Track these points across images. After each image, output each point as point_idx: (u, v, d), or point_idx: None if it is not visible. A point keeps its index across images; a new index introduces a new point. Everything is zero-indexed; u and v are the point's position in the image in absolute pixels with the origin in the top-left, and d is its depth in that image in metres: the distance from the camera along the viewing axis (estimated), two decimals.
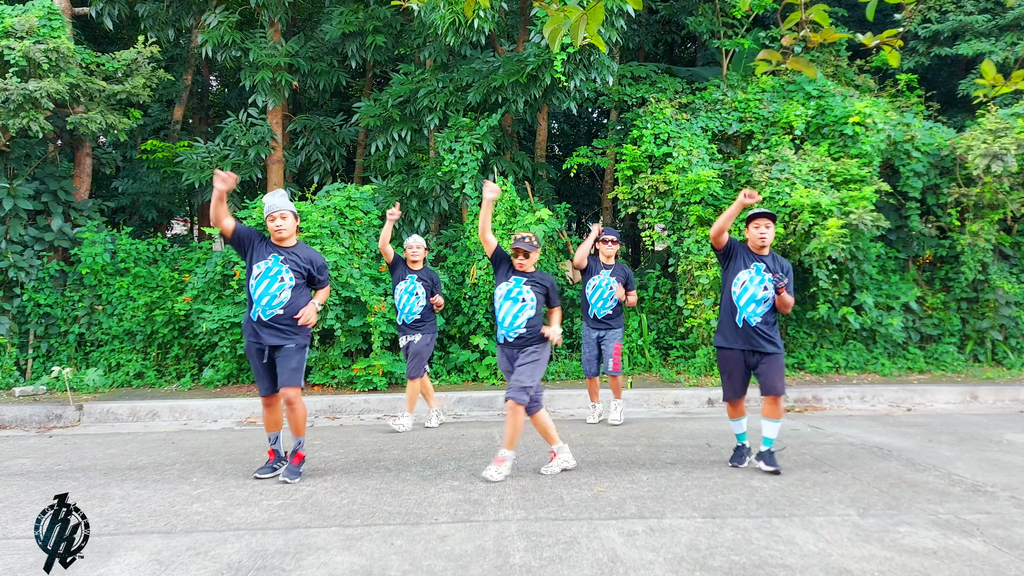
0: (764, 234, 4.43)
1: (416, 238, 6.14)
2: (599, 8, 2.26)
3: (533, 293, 4.43)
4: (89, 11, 9.08)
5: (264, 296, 4.33)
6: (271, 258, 4.38)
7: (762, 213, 4.44)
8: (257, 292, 4.34)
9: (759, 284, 4.43)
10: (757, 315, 4.42)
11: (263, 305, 4.34)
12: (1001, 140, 7.86)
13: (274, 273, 4.36)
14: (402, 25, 9.77)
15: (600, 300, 6.07)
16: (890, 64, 2.55)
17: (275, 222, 4.40)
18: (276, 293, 4.35)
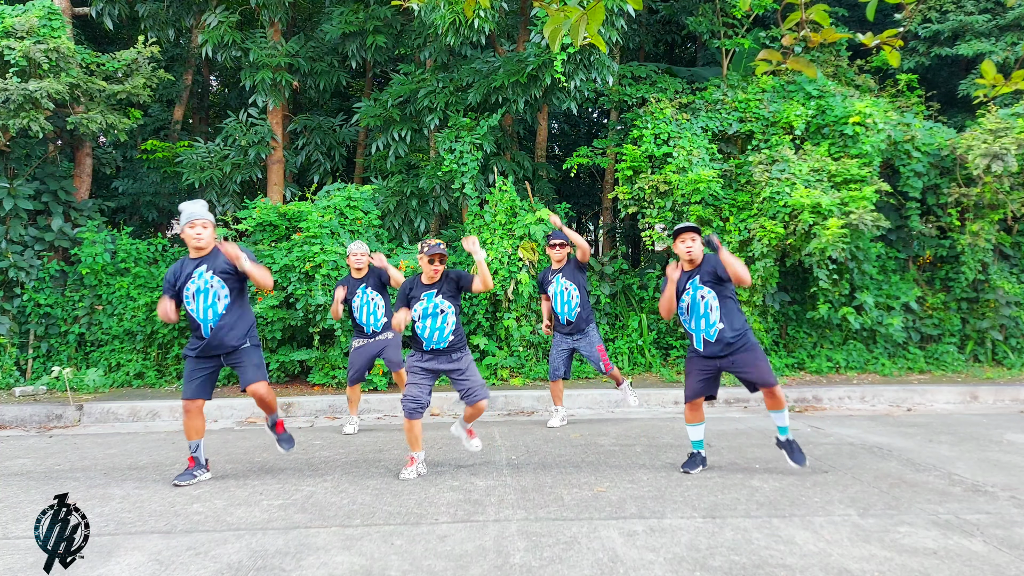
0: (690, 248, 4.37)
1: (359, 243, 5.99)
2: (599, 8, 2.26)
3: (448, 301, 4.44)
4: (89, 11, 9.08)
5: (207, 309, 4.28)
6: (195, 273, 4.30)
7: (686, 227, 4.39)
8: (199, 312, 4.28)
9: (696, 298, 4.36)
10: (712, 326, 4.34)
11: (211, 319, 4.28)
12: (1001, 140, 7.86)
13: (204, 287, 4.28)
14: (402, 25, 9.77)
15: (564, 304, 5.97)
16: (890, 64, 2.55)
17: (195, 229, 4.28)
18: (215, 303, 4.29)
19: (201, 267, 4.32)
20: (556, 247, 5.98)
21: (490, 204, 8.42)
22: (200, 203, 4.39)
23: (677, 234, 4.44)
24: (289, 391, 7.63)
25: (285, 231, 8.15)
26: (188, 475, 4.41)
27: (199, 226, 4.30)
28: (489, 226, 8.33)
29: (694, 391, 4.49)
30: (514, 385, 7.71)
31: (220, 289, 4.31)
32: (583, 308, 5.98)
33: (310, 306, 7.46)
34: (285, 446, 4.67)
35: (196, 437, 4.45)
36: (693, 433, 4.57)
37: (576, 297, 5.95)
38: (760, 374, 4.34)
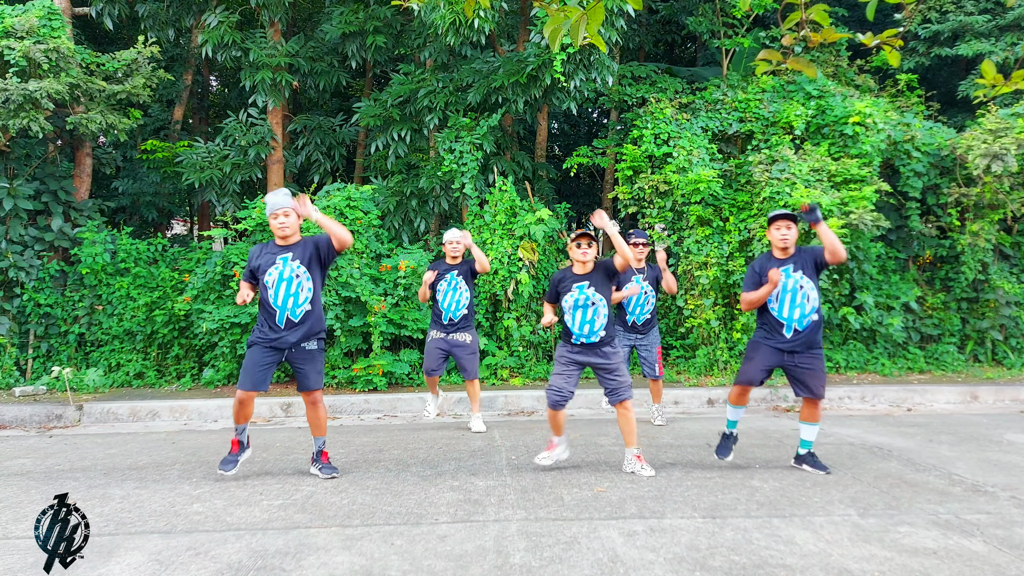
0: (785, 236, 4.38)
1: (455, 231, 5.92)
2: (599, 8, 2.26)
3: (600, 295, 4.40)
4: (89, 11, 9.08)
5: (288, 299, 4.27)
6: (280, 261, 4.31)
7: (783, 215, 4.40)
8: (279, 299, 4.26)
9: (795, 286, 4.35)
10: (806, 316, 4.34)
11: (290, 308, 4.27)
12: (1001, 140, 7.86)
13: (288, 275, 4.29)
14: (402, 25, 9.77)
15: (638, 305, 5.98)
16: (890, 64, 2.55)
17: (277, 220, 4.32)
18: (297, 293, 4.28)
19: (287, 254, 4.31)
20: (639, 246, 6.00)
21: (490, 204, 8.42)
22: (282, 192, 4.40)
23: (773, 220, 4.41)
24: (289, 391, 7.63)
25: None
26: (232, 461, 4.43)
27: (281, 215, 4.30)
28: (489, 226, 8.33)
29: (750, 378, 4.44)
30: (514, 385, 7.71)
31: (305, 280, 4.31)
32: (653, 315, 6.09)
33: None
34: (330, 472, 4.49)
35: (243, 422, 4.46)
36: (734, 414, 4.61)
37: (653, 301, 6.06)
38: (818, 382, 4.36)
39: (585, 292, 4.37)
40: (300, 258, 4.32)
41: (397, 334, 7.80)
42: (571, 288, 4.41)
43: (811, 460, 4.50)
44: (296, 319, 4.29)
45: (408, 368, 7.66)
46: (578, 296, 4.38)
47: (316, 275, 4.36)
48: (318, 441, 4.53)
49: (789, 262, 4.42)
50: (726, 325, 8.25)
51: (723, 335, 8.12)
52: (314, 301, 4.35)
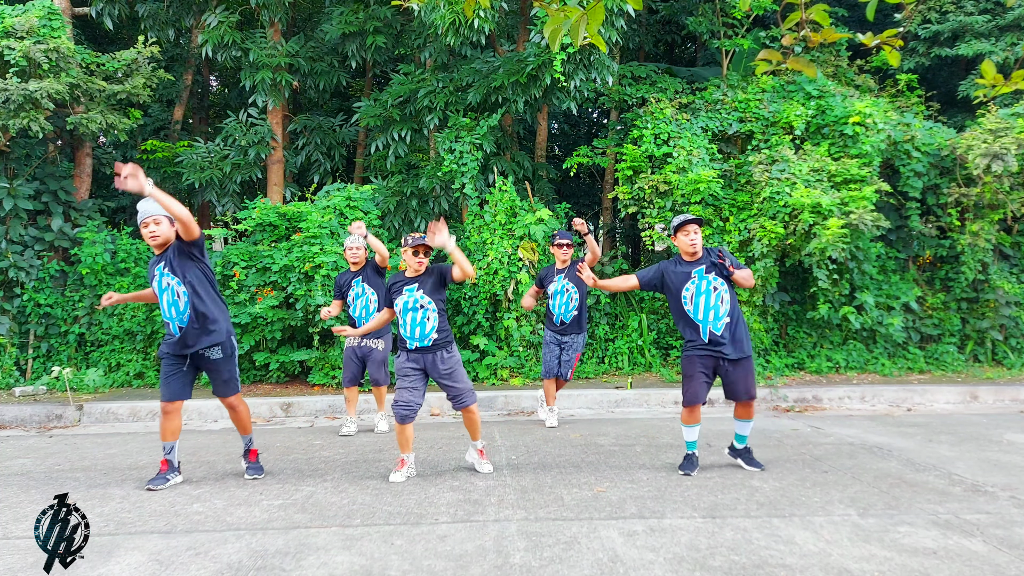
0: (694, 240, 4.35)
1: (354, 236, 5.77)
2: (599, 8, 2.26)
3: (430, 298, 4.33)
4: (89, 11, 9.08)
5: (171, 308, 4.19)
6: (156, 271, 4.21)
7: (690, 220, 4.35)
8: (164, 309, 4.20)
9: (708, 288, 4.34)
10: (721, 318, 4.33)
11: (174, 318, 4.19)
12: (1001, 140, 7.86)
13: (167, 285, 4.18)
14: (402, 25, 9.77)
15: (562, 304, 5.97)
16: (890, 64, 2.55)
17: (148, 228, 4.11)
18: (177, 301, 4.18)
19: (161, 263, 4.19)
20: (563, 247, 5.96)
21: (490, 204, 8.42)
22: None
23: (680, 227, 4.37)
24: (289, 391, 7.63)
25: (285, 231, 8.15)
26: (161, 479, 4.28)
27: (151, 224, 4.11)
28: (489, 226, 8.33)
29: (696, 394, 4.40)
30: (514, 385, 7.71)
31: (177, 286, 4.18)
32: (580, 312, 6.00)
33: (310, 306, 7.45)
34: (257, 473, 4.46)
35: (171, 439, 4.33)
36: (690, 434, 4.53)
37: (576, 300, 5.97)
38: (750, 383, 4.40)
39: (415, 295, 4.32)
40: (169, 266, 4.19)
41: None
42: (402, 291, 4.36)
43: (747, 455, 4.57)
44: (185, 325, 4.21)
45: None
46: (407, 299, 4.33)
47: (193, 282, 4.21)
48: (245, 439, 4.54)
49: (700, 263, 4.40)
50: None
51: None
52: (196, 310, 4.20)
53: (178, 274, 4.16)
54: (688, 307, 4.39)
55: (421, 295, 4.32)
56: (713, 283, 4.34)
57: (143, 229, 4.14)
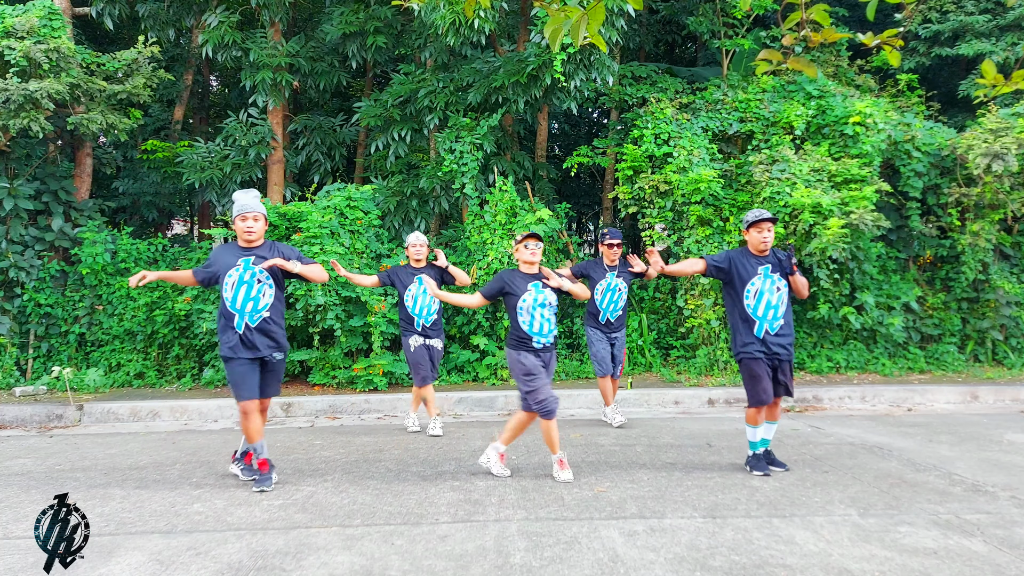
0: (767, 239, 4.40)
1: (418, 234, 5.92)
2: (600, 8, 2.26)
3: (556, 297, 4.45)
4: (89, 11, 9.08)
5: (247, 303, 4.23)
6: (241, 263, 4.26)
7: (767, 218, 4.38)
8: (238, 301, 4.22)
9: (772, 288, 4.38)
10: (778, 318, 4.37)
11: (248, 312, 4.23)
12: (1002, 140, 7.86)
13: (249, 278, 4.24)
14: (402, 25, 9.76)
15: (612, 303, 6.01)
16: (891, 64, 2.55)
17: (246, 223, 4.28)
18: (258, 298, 4.25)
19: (247, 258, 4.28)
20: (613, 247, 6.00)
21: (490, 204, 8.42)
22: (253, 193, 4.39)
23: (755, 223, 4.39)
24: (289, 391, 7.63)
25: (285, 231, 8.15)
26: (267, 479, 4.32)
27: (250, 219, 4.27)
28: (489, 226, 8.33)
29: (767, 393, 4.35)
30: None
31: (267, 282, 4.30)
32: (625, 309, 6.11)
33: (310, 306, 7.45)
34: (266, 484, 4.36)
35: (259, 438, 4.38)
36: (756, 434, 4.48)
37: (624, 298, 6.05)
38: (791, 382, 4.45)
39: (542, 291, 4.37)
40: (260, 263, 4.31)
41: (397, 334, 7.80)
42: (527, 288, 4.37)
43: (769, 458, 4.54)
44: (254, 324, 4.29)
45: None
46: (535, 295, 4.34)
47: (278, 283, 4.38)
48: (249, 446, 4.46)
49: (767, 261, 4.44)
50: (726, 325, 8.25)
51: (723, 335, 8.12)
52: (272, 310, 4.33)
53: (271, 272, 4.28)
54: (749, 302, 4.40)
55: (549, 292, 4.36)
56: (777, 283, 4.38)
57: (241, 222, 4.26)
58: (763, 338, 4.37)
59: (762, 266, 4.42)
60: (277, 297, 4.34)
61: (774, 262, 4.43)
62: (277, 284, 4.35)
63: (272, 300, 4.30)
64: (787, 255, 4.45)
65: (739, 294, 4.43)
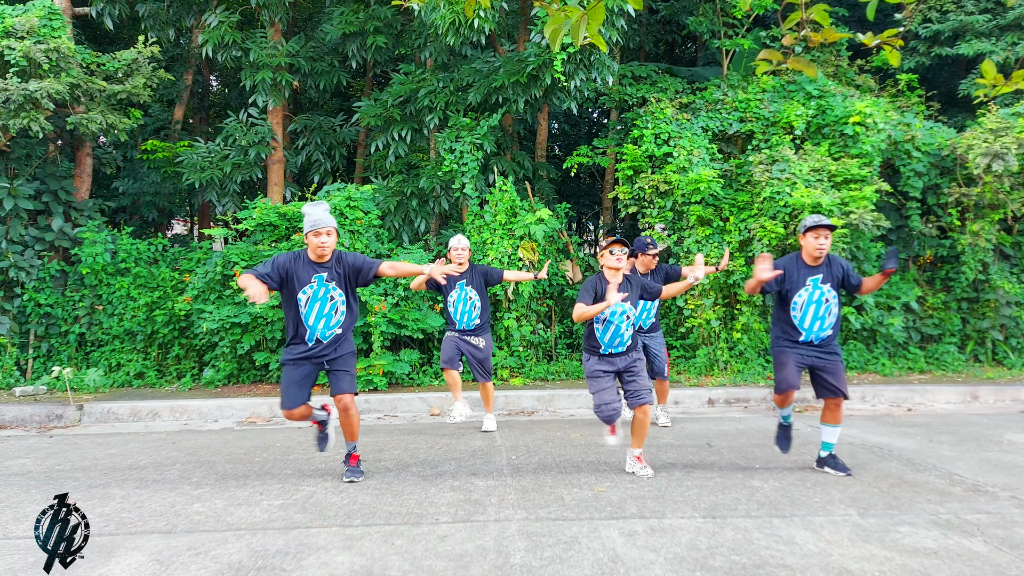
0: (823, 246, 4.29)
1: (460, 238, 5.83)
2: (600, 8, 2.26)
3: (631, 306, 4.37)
4: (89, 11, 9.08)
5: (320, 319, 4.23)
6: (315, 280, 4.23)
7: (825, 224, 4.27)
8: (312, 317, 4.21)
9: (820, 299, 4.30)
10: (825, 330, 4.32)
11: (320, 329, 4.24)
12: (1002, 139, 7.86)
13: (323, 295, 4.24)
14: (402, 25, 9.77)
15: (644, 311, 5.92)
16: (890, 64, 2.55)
17: (320, 238, 4.19)
18: (331, 314, 4.25)
19: (321, 274, 4.27)
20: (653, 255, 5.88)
21: (490, 204, 8.42)
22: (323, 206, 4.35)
23: (813, 228, 4.29)
24: None
25: (285, 231, 8.15)
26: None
27: (324, 234, 4.22)
28: (489, 226, 8.33)
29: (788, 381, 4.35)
30: (514, 385, 7.71)
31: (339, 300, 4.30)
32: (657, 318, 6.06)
33: None
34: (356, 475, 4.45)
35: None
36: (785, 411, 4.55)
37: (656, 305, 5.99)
38: (842, 382, 4.35)
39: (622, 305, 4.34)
40: (334, 279, 4.30)
41: (397, 334, 7.80)
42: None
43: (834, 462, 4.45)
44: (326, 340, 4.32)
45: (408, 368, 7.66)
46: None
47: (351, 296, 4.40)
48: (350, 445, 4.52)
49: (819, 272, 4.35)
50: (726, 325, 8.25)
51: (723, 335, 8.12)
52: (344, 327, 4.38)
53: (344, 289, 4.28)
54: (796, 313, 4.35)
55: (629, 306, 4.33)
56: (826, 295, 4.31)
57: (315, 237, 4.18)
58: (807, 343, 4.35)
59: (812, 276, 4.33)
60: (350, 309, 4.34)
61: (827, 272, 4.34)
62: (350, 297, 4.34)
63: (343, 316, 4.31)
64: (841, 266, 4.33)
65: (787, 302, 4.39)
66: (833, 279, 4.34)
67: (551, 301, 8.71)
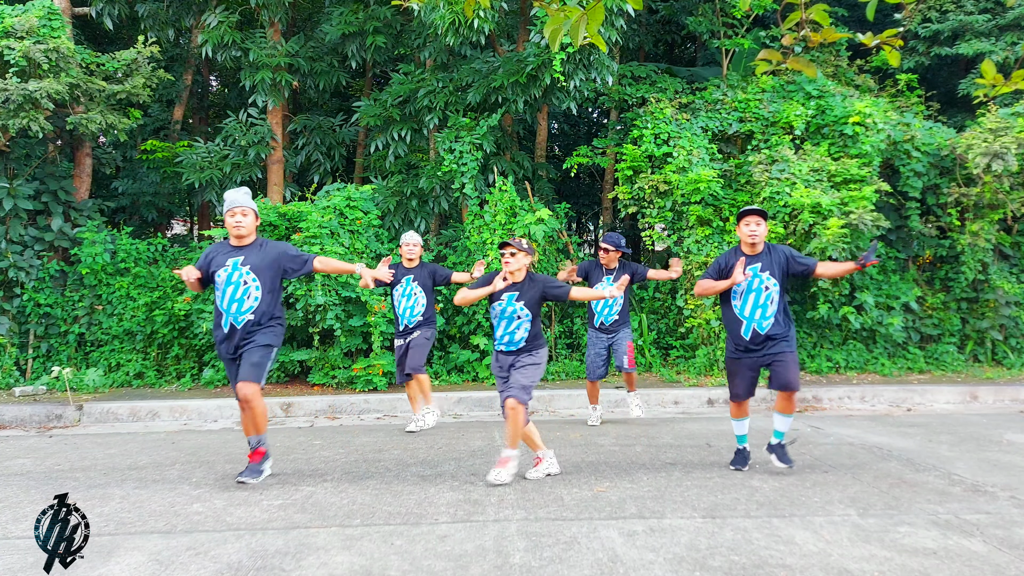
0: (755, 232, 4.29)
1: (412, 234, 5.97)
2: (599, 8, 2.26)
3: (527, 309, 4.32)
4: (89, 11, 9.08)
5: (232, 303, 4.22)
6: (230, 263, 4.25)
7: (752, 210, 4.31)
8: (224, 301, 4.22)
9: (759, 287, 4.31)
10: (767, 319, 4.31)
11: (232, 313, 4.23)
12: (1001, 139, 7.86)
13: (236, 279, 4.22)
14: (402, 25, 9.77)
15: (607, 307, 6.02)
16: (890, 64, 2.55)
17: (235, 218, 4.26)
18: (242, 299, 4.23)
19: (237, 257, 4.29)
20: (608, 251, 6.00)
21: (490, 204, 8.42)
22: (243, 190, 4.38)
23: (742, 216, 4.31)
24: (289, 391, 7.63)
25: (285, 231, 8.15)
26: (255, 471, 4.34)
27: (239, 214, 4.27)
28: (489, 226, 8.33)
29: (743, 390, 4.42)
30: None
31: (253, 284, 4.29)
32: (622, 316, 6.05)
33: (310, 306, 7.46)
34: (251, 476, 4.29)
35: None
36: (740, 428, 4.55)
37: (620, 303, 6.01)
38: (791, 375, 4.30)
39: (513, 303, 4.32)
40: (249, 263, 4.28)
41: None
42: (500, 297, 4.35)
43: (781, 451, 4.46)
44: (239, 325, 4.28)
45: None
46: (505, 307, 4.33)
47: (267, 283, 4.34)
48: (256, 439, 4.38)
49: (757, 260, 4.36)
50: None
51: (723, 335, 8.13)
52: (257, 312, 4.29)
53: (260, 274, 4.26)
54: (736, 303, 4.38)
55: (520, 305, 4.32)
56: (765, 282, 4.30)
57: (230, 218, 4.25)
58: (751, 337, 4.34)
59: (751, 265, 4.34)
60: (267, 297, 4.29)
61: (767, 261, 4.34)
62: (269, 283, 4.29)
63: (256, 302, 4.26)
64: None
65: (727, 294, 4.41)
66: (774, 267, 4.32)
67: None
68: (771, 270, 4.33)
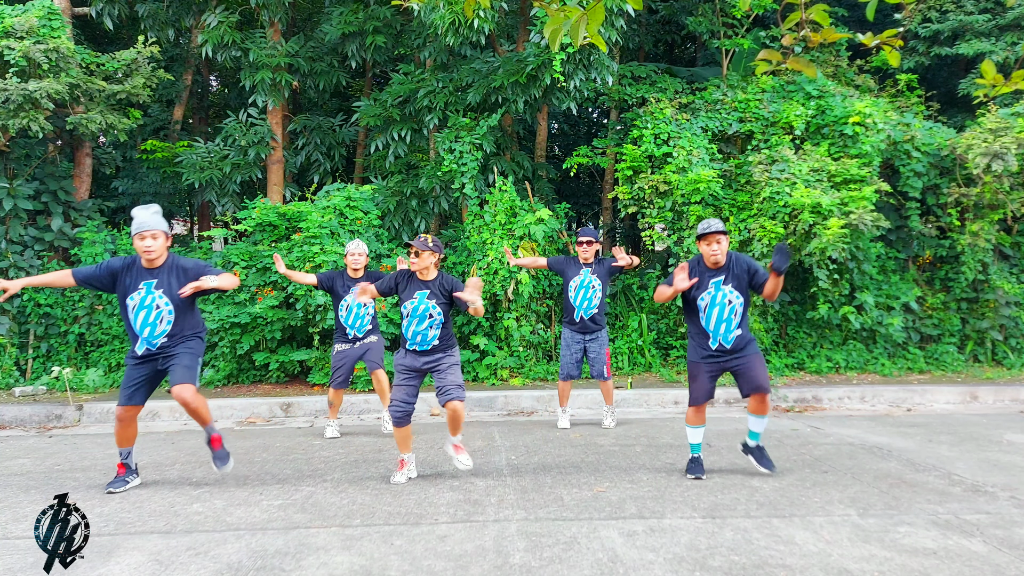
0: (716, 251, 4.27)
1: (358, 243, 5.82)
2: (599, 8, 2.25)
3: (439, 307, 4.31)
4: (89, 11, 9.08)
5: (144, 327, 4.15)
6: (143, 287, 4.15)
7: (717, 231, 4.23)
8: (137, 325, 4.15)
9: (723, 301, 4.28)
10: (732, 331, 4.29)
11: (146, 337, 4.17)
12: (1001, 139, 7.86)
13: (149, 303, 4.15)
14: (402, 25, 9.76)
15: (585, 300, 5.97)
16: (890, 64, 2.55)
17: (144, 242, 4.11)
18: (155, 323, 4.16)
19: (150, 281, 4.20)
20: (584, 244, 5.97)
21: (490, 204, 8.42)
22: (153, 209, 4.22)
23: (704, 235, 4.29)
24: (289, 391, 7.63)
25: (285, 231, 8.15)
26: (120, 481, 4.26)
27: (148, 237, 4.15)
28: (489, 226, 8.33)
29: (704, 394, 4.43)
30: (514, 385, 7.71)
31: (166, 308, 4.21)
32: (600, 310, 5.99)
33: (310, 306, 7.46)
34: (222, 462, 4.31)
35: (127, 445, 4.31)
36: (695, 435, 4.52)
37: (599, 296, 5.96)
38: (761, 378, 4.30)
39: (425, 302, 4.31)
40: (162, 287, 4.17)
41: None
42: (412, 295, 4.33)
43: (759, 453, 4.48)
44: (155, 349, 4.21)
45: None
46: (417, 305, 4.30)
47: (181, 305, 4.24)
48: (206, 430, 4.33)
49: (720, 274, 4.33)
50: None
51: None
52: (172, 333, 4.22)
53: (173, 297, 4.18)
54: (701, 315, 4.36)
55: (432, 303, 4.31)
56: (728, 296, 4.28)
57: (139, 241, 4.12)
58: (717, 348, 4.33)
59: (714, 279, 4.32)
60: (180, 318, 4.22)
61: (729, 274, 4.31)
62: (179, 307, 4.21)
63: (169, 326, 4.19)
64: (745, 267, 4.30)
65: (694, 307, 4.39)
66: (736, 279, 4.30)
67: (551, 301, 8.71)
68: (734, 283, 4.31)
